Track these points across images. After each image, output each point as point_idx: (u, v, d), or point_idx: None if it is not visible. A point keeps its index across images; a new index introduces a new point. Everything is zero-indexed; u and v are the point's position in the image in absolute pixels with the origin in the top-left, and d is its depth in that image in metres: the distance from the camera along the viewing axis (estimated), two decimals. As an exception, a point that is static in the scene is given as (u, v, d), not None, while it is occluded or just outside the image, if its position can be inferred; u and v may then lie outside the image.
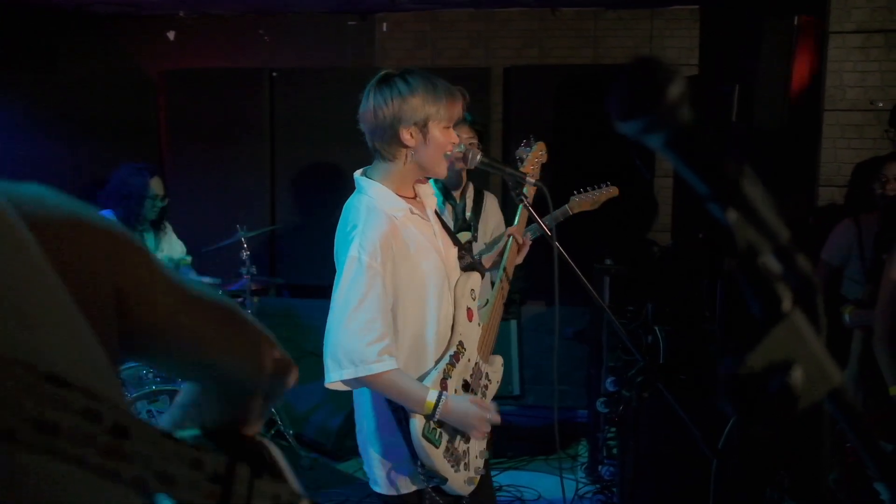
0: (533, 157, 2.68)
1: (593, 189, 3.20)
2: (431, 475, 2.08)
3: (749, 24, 3.82)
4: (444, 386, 2.09)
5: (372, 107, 2.05)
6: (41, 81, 5.26)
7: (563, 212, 3.16)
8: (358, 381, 2.01)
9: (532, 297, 4.68)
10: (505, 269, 2.45)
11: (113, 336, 0.77)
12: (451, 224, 3.43)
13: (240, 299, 4.47)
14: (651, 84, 0.51)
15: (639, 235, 5.08)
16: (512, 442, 4.81)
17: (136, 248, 0.83)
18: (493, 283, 2.50)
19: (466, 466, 2.16)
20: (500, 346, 3.69)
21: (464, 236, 3.08)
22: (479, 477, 2.22)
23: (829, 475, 2.88)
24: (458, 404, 2.06)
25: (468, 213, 3.69)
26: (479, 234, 3.72)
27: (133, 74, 5.56)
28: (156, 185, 4.02)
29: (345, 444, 4.44)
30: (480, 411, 2.10)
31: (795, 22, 3.71)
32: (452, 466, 2.09)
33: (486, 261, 2.59)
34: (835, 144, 4.20)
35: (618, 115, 0.54)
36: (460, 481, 2.13)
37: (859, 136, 4.17)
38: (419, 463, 2.07)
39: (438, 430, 2.08)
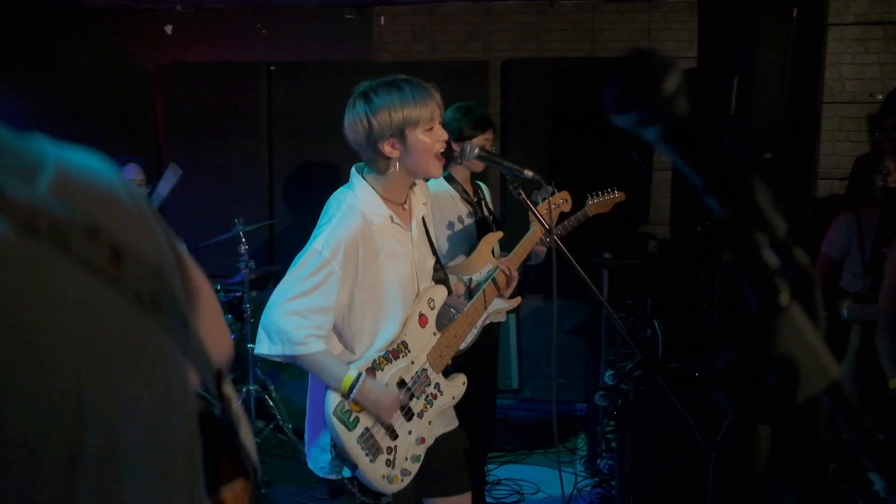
0: (550, 203, 2.67)
1: (605, 194, 3.17)
2: (342, 457, 2.12)
3: (747, 17, 3.80)
4: (371, 375, 2.14)
5: (347, 129, 2.14)
6: (37, 76, 5.25)
7: (583, 213, 3.13)
8: (285, 357, 2.11)
9: (530, 291, 4.68)
10: (484, 292, 2.46)
11: None
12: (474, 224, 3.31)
13: (238, 293, 4.47)
14: (646, 77, 0.51)
15: (637, 229, 5.08)
16: (510, 435, 4.83)
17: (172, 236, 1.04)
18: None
19: (389, 463, 2.16)
20: (498, 339, 3.70)
21: (496, 235, 2.99)
22: (405, 479, 2.20)
23: (828, 466, 2.88)
24: (376, 389, 2.11)
25: (486, 212, 3.40)
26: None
27: (130, 69, 5.54)
28: (130, 172, 3.83)
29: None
30: (394, 402, 2.14)
31: (794, 14, 3.70)
32: (367, 455, 2.11)
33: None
34: (833, 137, 4.19)
35: (613, 108, 0.54)
36: (376, 474, 2.13)
37: (858, 129, 4.17)
38: (332, 442, 2.12)
39: (355, 414, 2.12)
